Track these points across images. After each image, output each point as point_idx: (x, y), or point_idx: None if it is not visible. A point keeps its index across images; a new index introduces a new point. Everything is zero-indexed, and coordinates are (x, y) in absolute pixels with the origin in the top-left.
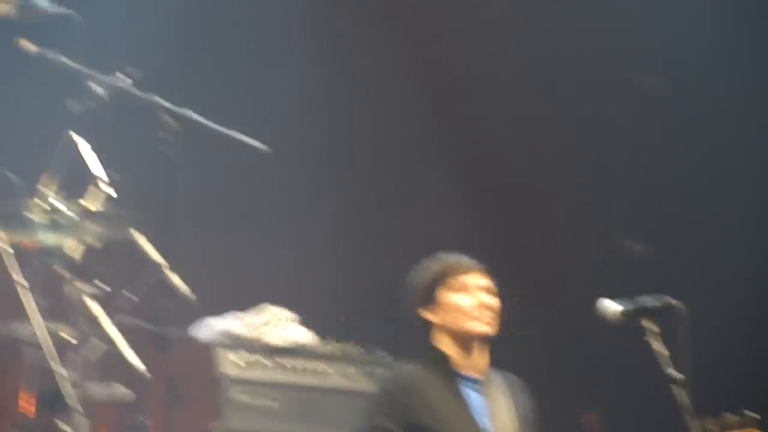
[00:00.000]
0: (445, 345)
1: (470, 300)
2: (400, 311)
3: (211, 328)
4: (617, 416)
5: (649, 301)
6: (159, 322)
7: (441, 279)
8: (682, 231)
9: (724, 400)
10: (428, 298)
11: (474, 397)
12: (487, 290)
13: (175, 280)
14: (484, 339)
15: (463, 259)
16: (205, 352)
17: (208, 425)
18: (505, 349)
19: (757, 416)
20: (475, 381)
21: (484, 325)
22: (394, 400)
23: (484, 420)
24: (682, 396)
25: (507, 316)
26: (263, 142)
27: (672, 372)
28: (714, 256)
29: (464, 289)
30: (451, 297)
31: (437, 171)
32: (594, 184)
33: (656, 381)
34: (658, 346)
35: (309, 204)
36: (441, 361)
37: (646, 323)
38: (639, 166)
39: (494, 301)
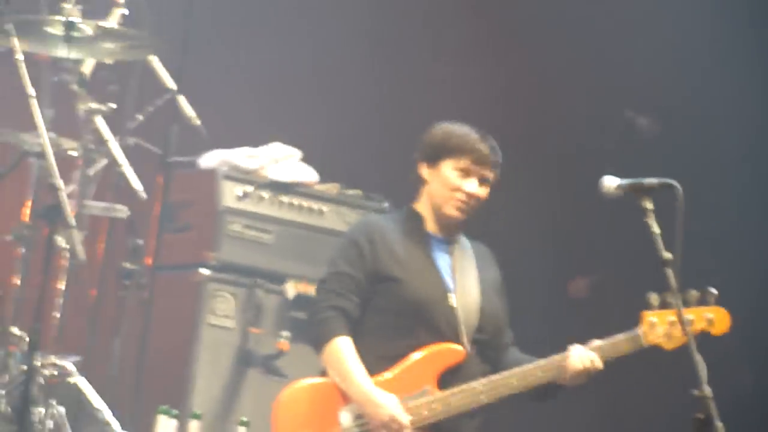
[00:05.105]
0: (424, 205)
1: (460, 183)
2: (408, 162)
3: (216, 157)
4: (607, 285)
5: (649, 179)
6: (165, 147)
7: (453, 150)
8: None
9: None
10: (433, 158)
11: (440, 256)
12: (482, 180)
13: (185, 106)
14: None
15: (482, 146)
16: (207, 181)
17: (203, 255)
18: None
19: (715, 292)
20: (443, 241)
21: (454, 210)
22: (358, 248)
23: (447, 277)
24: (669, 275)
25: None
26: None
27: (662, 252)
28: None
29: (465, 172)
30: (448, 171)
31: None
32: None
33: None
34: (652, 223)
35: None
36: (415, 217)
37: (645, 203)
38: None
39: (482, 192)
